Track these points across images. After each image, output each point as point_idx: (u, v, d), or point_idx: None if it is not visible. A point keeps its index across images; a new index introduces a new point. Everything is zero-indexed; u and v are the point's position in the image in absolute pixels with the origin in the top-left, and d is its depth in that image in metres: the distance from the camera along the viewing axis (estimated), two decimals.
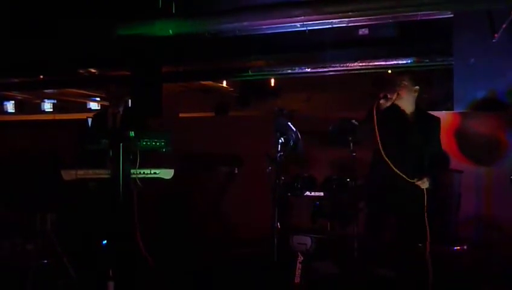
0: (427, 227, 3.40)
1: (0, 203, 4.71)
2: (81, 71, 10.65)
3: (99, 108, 13.97)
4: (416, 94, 3.58)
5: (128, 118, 4.45)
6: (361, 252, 3.95)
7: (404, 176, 3.36)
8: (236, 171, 5.44)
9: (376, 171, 3.67)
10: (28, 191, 4.58)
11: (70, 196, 4.41)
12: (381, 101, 3.42)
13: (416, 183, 3.41)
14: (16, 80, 11.62)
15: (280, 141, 4.10)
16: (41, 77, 11.30)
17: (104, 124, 4.52)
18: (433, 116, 3.69)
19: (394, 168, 3.35)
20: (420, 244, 3.54)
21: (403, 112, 3.59)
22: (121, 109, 4.49)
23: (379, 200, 3.66)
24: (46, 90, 13.66)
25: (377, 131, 3.36)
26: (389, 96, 3.44)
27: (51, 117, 13.34)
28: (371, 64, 8.22)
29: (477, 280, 4.18)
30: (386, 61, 8.11)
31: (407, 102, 3.56)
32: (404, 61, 7.96)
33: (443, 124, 3.61)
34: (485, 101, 5.42)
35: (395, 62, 8.02)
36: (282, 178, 4.21)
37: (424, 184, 3.42)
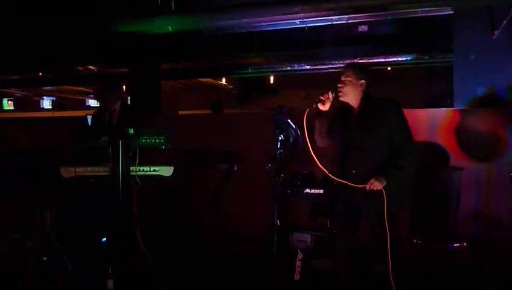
0: (387, 228, 3.14)
1: (0, 200, 4.70)
2: (80, 68, 10.65)
3: (98, 105, 13.94)
4: (363, 87, 3.35)
5: (125, 115, 4.44)
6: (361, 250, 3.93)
7: (347, 182, 3.19)
8: (235, 168, 5.43)
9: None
10: (27, 188, 4.57)
11: (69, 193, 4.40)
12: (318, 105, 3.31)
13: (368, 189, 3.15)
14: (15, 77, 11.62)
15: (280, 138, 4.09)
16: (40, 74, 11.29)
17: (101, 122, 4.52)
18: (386, 100, 3.40)
19: (333, 177, 3.22)
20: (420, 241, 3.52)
21: (350, 109, 3.38)
22: (117, 107, 4.49)
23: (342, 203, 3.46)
24: (45, 88, 13.67)
25: (307, 141, 3.24)
26: (322, 98, 3.31)
27: (50, 114, 13.33)
28: (370, 61, 8.21)
29: (477, 276, 4.19)
30: (385, 58, 8.10)
31: (353, 98, 3.36)
32: (404, 58, 7.95)
33: (443, 121, 3.54)
34: (485, 97, 5.41)
35: (394, 59, 8.02)
36: (282, 175, 4.20)
37: (375, 185, 3.15)
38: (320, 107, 3.32)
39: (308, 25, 6.63)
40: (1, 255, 4.39)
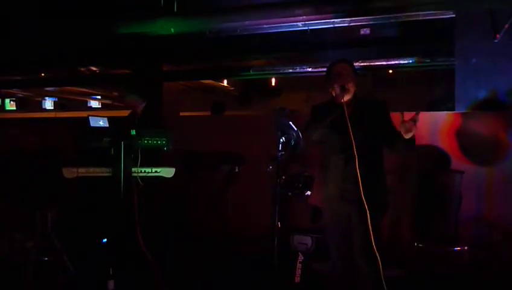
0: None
1: (1, 200, 4.72)
2: (82, 69, 10.66)
3: (99, 106, 14.10)
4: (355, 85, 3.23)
5: (147, 117, 4.55)
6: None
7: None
8: (237, 170, 5.44)
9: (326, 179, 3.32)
10: (29, 188, 4.58)
11: (71, 193, 4.41)
12: (339, 94, 3.11)
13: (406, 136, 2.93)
14: (17, 78, 11.63)
15: (281, 140, 4.09)
16: (43, 75, 11.31)
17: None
18: (375, 101, 3.32)
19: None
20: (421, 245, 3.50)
21: (338, 106, 3.14)
22: (139, 109, 4.65)
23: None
24: (47, 88, 13.68)
25: (350, 127, 2.99)
26: (346, 87, 3.12)
27: (52, 115, 13.36)
28: (372, 64, 8.21)
29: (478, 280, 4.18)
30: (387, 61, 8.10)
31: (349, 95, 3.18)
32: (406, 61, 7.95)
33: (445, 124, 3.54)
34: (486, 101, 5.41)
35: (396, 62, 8.02)
36: (283, 177, 4.20)
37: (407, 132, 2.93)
38: (341, 96, 3.12)
39: (310, 28, 6.64)
40: (2, 255, 4.40)
